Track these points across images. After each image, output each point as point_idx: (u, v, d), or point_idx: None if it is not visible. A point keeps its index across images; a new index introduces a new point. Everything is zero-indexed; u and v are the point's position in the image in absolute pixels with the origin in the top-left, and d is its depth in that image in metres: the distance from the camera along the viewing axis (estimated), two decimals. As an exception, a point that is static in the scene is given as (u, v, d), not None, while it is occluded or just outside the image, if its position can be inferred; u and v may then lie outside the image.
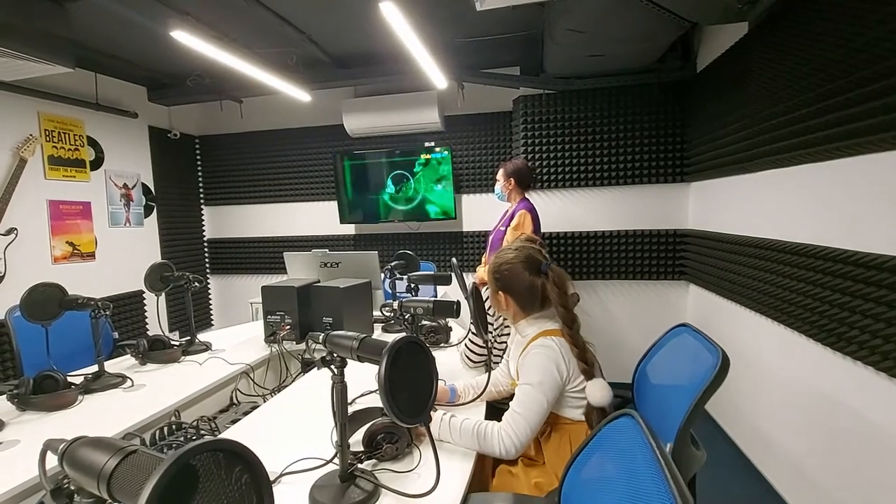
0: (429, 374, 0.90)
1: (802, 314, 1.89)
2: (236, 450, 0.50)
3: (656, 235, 3.41)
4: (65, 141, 3.24)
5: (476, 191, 3.94)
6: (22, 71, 2.50)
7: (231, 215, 4.58)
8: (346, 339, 0.94)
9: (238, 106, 4.10)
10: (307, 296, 2.12)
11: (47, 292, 1.66)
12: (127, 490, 0.47)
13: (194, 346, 2.08)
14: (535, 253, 1.35)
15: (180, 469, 0.45)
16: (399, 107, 3.75)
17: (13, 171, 2.88)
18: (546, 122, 3.46)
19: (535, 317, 1.34)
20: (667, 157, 3.32)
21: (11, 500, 1.08)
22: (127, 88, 3.74)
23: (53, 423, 1.40)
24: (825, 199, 1.80)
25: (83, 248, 3.37)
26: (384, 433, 1.15)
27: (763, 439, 2.26)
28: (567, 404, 1.27)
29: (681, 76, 3.13)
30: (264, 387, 1.97)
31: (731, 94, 2.54)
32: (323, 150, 4.20)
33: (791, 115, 1.95)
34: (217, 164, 4.51)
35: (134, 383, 1.70)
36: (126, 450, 0.49)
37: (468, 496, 1.04)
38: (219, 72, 3.40)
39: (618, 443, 0.80)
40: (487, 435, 1.18)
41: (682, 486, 0.57)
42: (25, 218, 2.98)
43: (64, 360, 1.66)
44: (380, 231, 4.18)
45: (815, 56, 1.81)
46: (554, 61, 3.06)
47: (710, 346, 1.16)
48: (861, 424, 1.60)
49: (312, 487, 1.01)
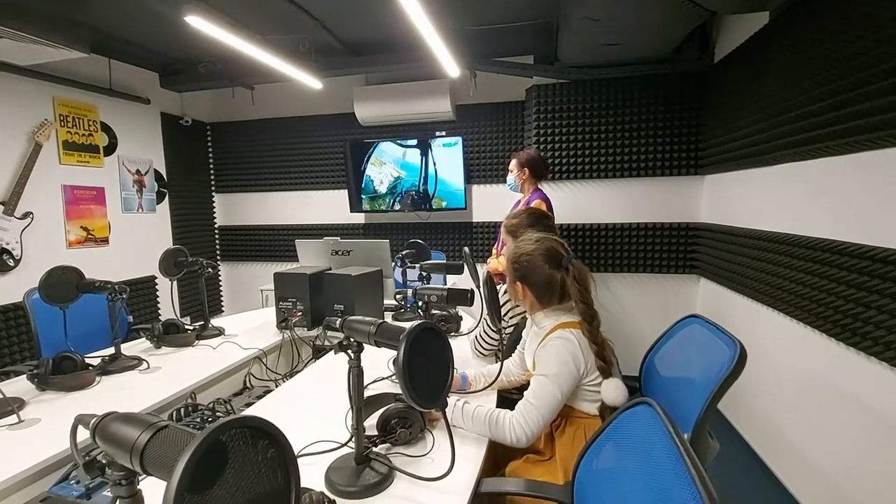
0: (445, 360, 0.90)
1: (817, 309, 1.87)
2: (263, 427, 0.51)
3: (668, 229, 3.38)
4: (79, 126, 3.27)
5: (487, 181, 3.93)
6: (38, 55, 2.52)
7: (242, 203, 4.61)
8: (364, 324, 0.95)
9: (249, 93, 4.10)
10: (319, 283, 2.13)
11: (65, 275, 1.69)
12: (159, 464, 0.48)
13: (208, 331, 2.11)
14: (556, 245, 1.33)
15: (211, 445, 0.45)
16: (410, 95, 3.73)
17: (29, 155, 2.91)
18: (559, 112, 3.43)
19: (553, 309, 1.34)
20: (681, 149, 3.28)
21: (34, 475, 1.11)
22: (140, 74, 3.75)
23: (72, 403, 1.43)
24: (845, 193, 1.77)
25: (97, 233, 3.41)
26: (398, 418, 1.16)
27: (773, 434, 2.25)
28: (583, 397, 1.27)
29: (698, 67, 3.08)
30: (276, 372, 1.99)
31: (749, 86, 2.49)
32: (334, 139, 4.20)
33: (811, 108, 1.92)
34: (228, 151, 4.52)
35: (150, 366, 1.73)
36: (157, 425, 0.50)
37: (481, 481, 1.05)
38: (231, 58, 3.40)
39: (634, 431, 0.80)
40: (499, 422, 1.19)
41: (703, 475, 0.58)
42: (41, 202, 3.01)
43: (80, 343, 1.69)
44: (390, 220, 4.19)
45: (838, 47, 1.77)
46: (568, 50, 3.02)
47: (726, 338, 1.16)
48: (876, 421, 1.59)
49: (328, 469, 1.02)
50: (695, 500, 0.55)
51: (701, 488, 0.55)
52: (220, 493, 0.46)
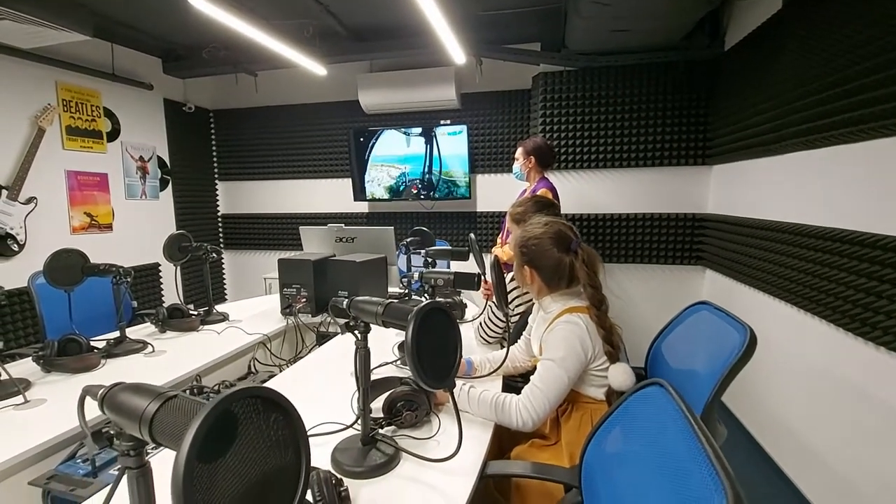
0: (453, 341, 0.89)
1: (826, 299, 1.85)
2: (273, 397, 0.50)
3: (675, 219, 3.36)
4: (82, 111, 3.25)
5: (491, 171, 3.90)
6: (40, 38, 2.50)
7: (244, 191, 4.59)
8: (372, 305, 0.94)
9: (253, 80, 4.07)
10: (323, 269, 2.12)
11: (70, 258, 1.69)
12: (168, 433, 0.47)
13: (212, 316, 2.11)
14: (565, 229, 1.31)
15: (220, 414, 0.44)
16: (415, 83, 3.69)
17: (32, 140, 2.90)
18: (566, 100, 3.39)
19: (561, 293, 1.32)
20: (689, 138, 3.24)
21: (41, 454, 1.11)
22: (142, 59, 3.72)
23: (78, 384, 1.41)
24: (856, 181, 1.75)
25: (101, 220, 3.41)
26: (403, 401, 1.16)
27: (777, 425, 2.24)
28: (590, 382, 1.26)
29: (708, 54, 3.04)
30: (281, 357, 1.99)
31: (760, 73, 2.46)
32: (338, 127, 4.17)
33: (823, 95, 1.88)
34: (231, 138, 4.50)
35: (155, 349, 1.73)
36: (166, 395, 0.50)
37: (487, 463, 1.04)
38: (234, 43, 3.37)
39: (646, 412, 0.79)
40: (506, 407, 1.18)
41: (720, 454, 0.57)
42: (44, 188, 3.00)
43: (84, 327, 1.68)
44: (393, 209, 4.17)
45: (854, 33, 1.73)
46: (576, 36, 2.98)
47: (736, 324, 1.15)
48: (883, 412, 1.58)
49: (334, 450, 1.02)
50: (712, 478, 0.54)
51: (719, 467, 0.54)
52: (231, 464, 0.45)
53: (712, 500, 0.52)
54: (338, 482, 0.84)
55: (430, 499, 0.91)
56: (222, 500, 0.44)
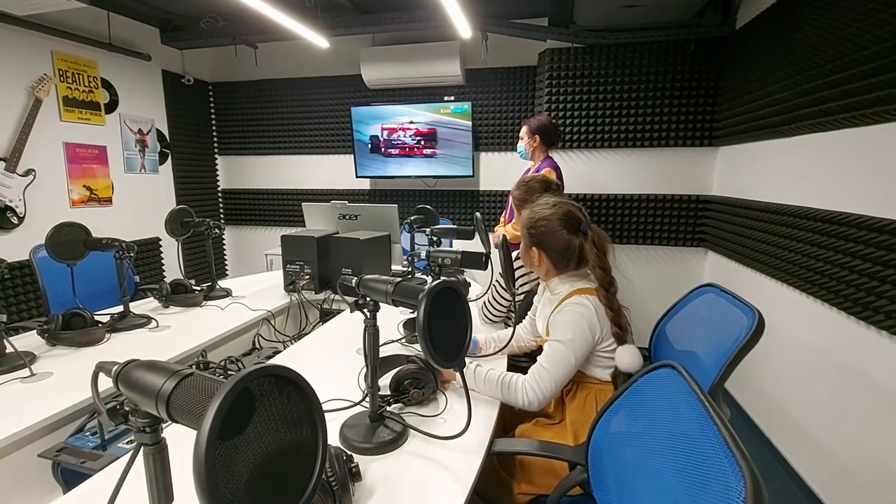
0: (463, 320, 0.89)
1: (829, 283, 1.85)
2: (290, 376, 0.50)
3: (678, 201, 3.33)
4: (79, 82, 3.18)
5: (495, 149, 3.85)
6: (35, 4, 2.42)
7: (245, 166, 4.54)
8: (381, 283, 0.93)
9: (253, 52, 3.98)
10: (326, 246, 2.11)
11: (72, 232, 1.67)
12: (186, 410, 0.47)
13: (215, 292, 2.10)
14: (574, 210, 1.29)
15: (240, 393, 0.44)
16: (419, 57, 3.61)
17: (28, 111, 2.84)
18: (572, 78, 3.33)
19: (569, 275, 1.32)
20: (696, 119, 3.19)
21: (49, 427, 1.11)
22: (140, 29, 3.62)
23: (83, 358, 1.43)
24: (866, 164, 1.73)
25: (100, 193, 3.37)
26: (411, 378, 1.16)
27: (778, 410, 2.26)
28: (595, 363, 1.26)
29: (719, 32, 2.97)
30: (285, 334, 1.99)
31: (772, 53, 2.40)
32: (340, 102, 4.10)
33: (837, 76, 1.85)
34: (231, 112, 4.42)
35: (159, 324, 1.73)
36: (182, 372, 0.49)
37: (493, 441, 1.05)
38: (233, 14, 3.28)
39: (657, 393, 0.79)
40: (512, 386, 1.19)
41: (735, 435, 0.57)
42: (43, 160, 2.96)
43: (87, 302, 1.68)
44: (395, 187, 4.13)
45: (872, 12, 1.68)
46: (585, 12, 2.90)
47: (744, 307, 1.15)
48: (885, 397, 1.59)
49: (343, 426, 1.02)
50: (729, 461, 0.54)
51: (736, 451, 0.54)
52: (249, 440, 0.45)
53: (728, 482, 0.53)
54: (348, 458, 0.85)
55: (438, 475, 0.92)
56: (242, 477, 0.44)
